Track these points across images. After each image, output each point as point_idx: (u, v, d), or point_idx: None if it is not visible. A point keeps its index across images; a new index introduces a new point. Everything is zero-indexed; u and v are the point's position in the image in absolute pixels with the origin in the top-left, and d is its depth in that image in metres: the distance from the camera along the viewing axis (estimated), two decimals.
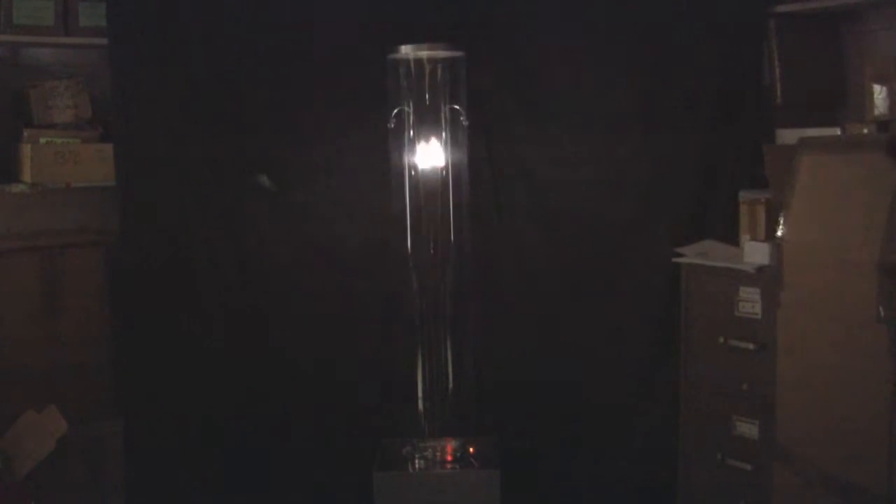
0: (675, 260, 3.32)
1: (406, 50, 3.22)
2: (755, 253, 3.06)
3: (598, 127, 3.51)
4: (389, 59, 3.25)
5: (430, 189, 3.31)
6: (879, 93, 2.99)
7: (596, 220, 3.55)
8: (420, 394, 3.36)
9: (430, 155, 3.30)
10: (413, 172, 3.30)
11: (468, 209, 3.37)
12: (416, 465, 3.25)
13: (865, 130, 3.00)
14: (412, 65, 3.24)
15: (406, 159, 3.29)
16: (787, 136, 3.29)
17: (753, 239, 3.13)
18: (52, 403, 3.27)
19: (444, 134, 3.29)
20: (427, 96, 3.25)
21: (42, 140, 3.43)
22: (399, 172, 3.31)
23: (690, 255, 3.30)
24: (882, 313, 2.25)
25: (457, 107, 3.28)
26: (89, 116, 3.52)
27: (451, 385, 3.37)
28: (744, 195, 3.26)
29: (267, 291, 3.54)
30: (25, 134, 3.44)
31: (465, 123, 3.31)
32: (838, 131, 3.21)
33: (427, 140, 3.28)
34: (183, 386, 3.49)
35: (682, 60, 3.48)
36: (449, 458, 3.27)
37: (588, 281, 3.57)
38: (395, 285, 3.41)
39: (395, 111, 3.26)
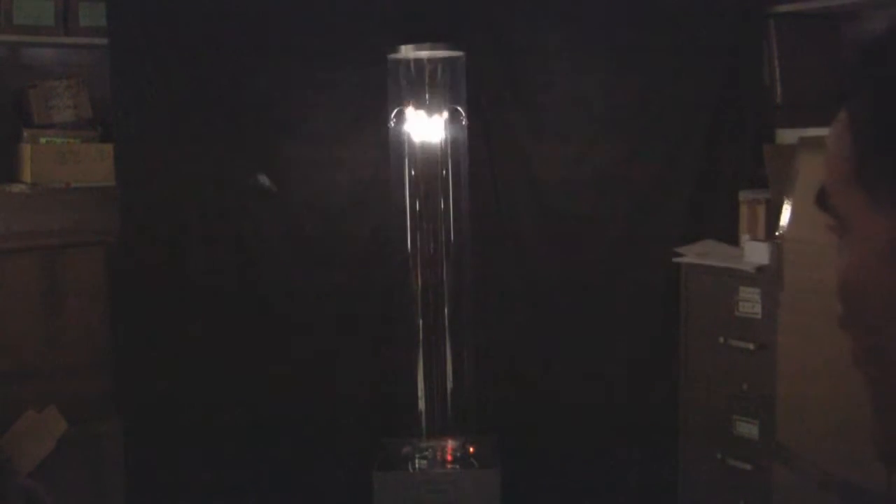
0: (675, 260, 3.32)
1: (406, 50, 3.22)
2: (755, 253, 3.05)
3: (598, 127, 3.51)
4: (389, 59, 3.25)
5: (430, 189, 3.31)
6: None
7: (596, 219, 3.55)
8: (420, 394, 3.36)
9: (430, 128, 3.26)
10: (413, 172, 3.30)
11: (468, 209, 3.37)
12: (416, 465, 3.25)
13: None
14: (412, 65, 3.24)
15: (406, 158, 3.29)
16: (787, 136, 3.29)
17: (753, 239, 3.13)
18: (52, 403, 3.27)
19: (444, 134, 3.29)
20: (427, 96, 3.25)
21: (42, 140, 3.43)
22: (399, 172, 3.31)
23: (690, 255, 3.30)
24: None
25: (457, 107, 3.28)
26: (89, 116, 3.52)
27: (451, 385, 3.37)
28: (744, 195, 3.26)
29: (267, 291, 3.54)
30: (25, 134, 3.44)
31: (465, 123, 3.31)
32: None
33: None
34: (183, 386, 3.49)
35: (682, 60, 3.48)
36: (449, 458, 3.27)
37: (588, 281, 3.57)
38: (394, 285, 3.41)
39: (395, 111, 3.26)
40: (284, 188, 3.52)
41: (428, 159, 3.30)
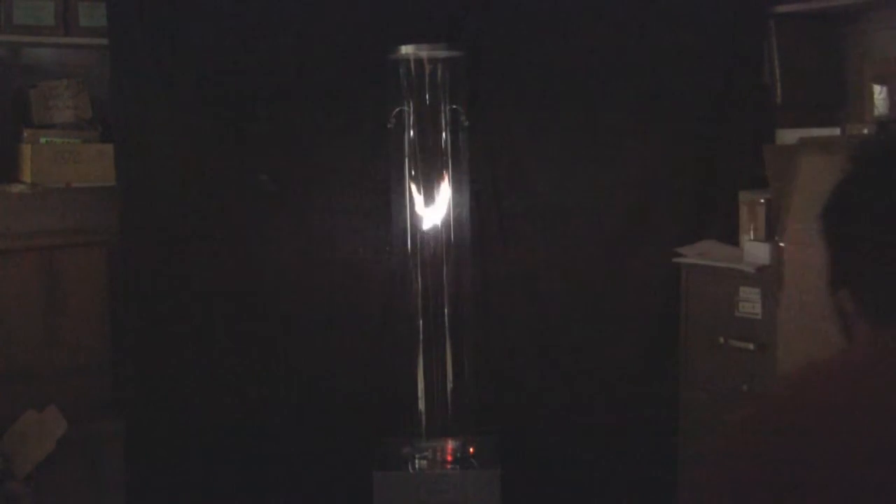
0: (675, 260, 3.32)
1: (406, 50, 3.22)
2: (755, 253, 3.05)
3: (598, 127, 3.51)
4: (389, 59, 3.25)
5: (429, 189, 3.31)
6: (879, 93, 2.99)
7: (596, 219, 3.55)
8: (420, 394, 3.36)
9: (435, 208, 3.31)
10: (413, 172, 3.30)
11: (468, 209, 3.37)
12: (416, 465, 3.24)
13: (865, 130, 3.01)
14: (412, 65, 3.24)
15: (406, 160, 3.29)
16: (787, 136, 3.29)
17: (753, 239, 3.13)
18: (52, 403, 3.27)
19: (444, 134, 3.29)
20: (427, 96, 3.25)
21: (42, 140, 3.43)
22: (399, 172, 3.31)
23: (690, 255, 3.30)
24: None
25: (457, 107, 3.28)
26: (89, 116, 3.52)
27: (451, 385, 3.36)
28: (744, 195, 3.26)
29: (266, 291, 3.53)
30: (25, 134, 3.44)
31: (465, 123, 3.30)
32: (838, 131, 3.22)
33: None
34: (183, 386, 3.49)
35: (682, 60, 3.47)
36: (449, 458, 3.26)
37: (588, 281, 3.56)
38: (394, 286, 3.41)
39: (395, 111, 3.26)
40: (284, 188, 3.52)
41: (428, 159, 3.30)
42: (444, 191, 3.30)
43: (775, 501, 0.93)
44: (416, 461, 3.26)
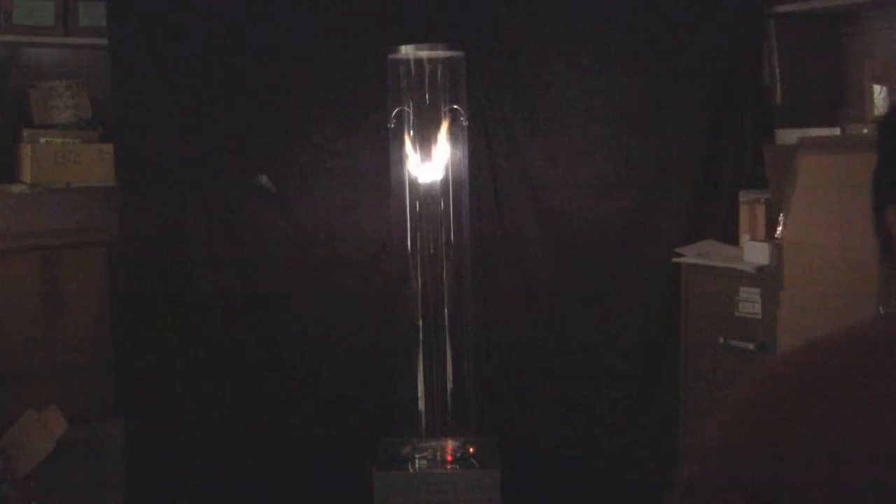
0: (675, 260, 3.32)
1: (406, 50, 3.22)
2: (755, 253, 3.05)
3: (597, 127, 3.51)
4: (389, 59, 3.25)
5: (429, 189, 3.31)
6: (879, 93, 2.99)
7: (596, 219, 3.55)
8: (420, 394, 3.36)
9: (432, 161, 3.28)
10: (413, 172, 3.30)
11: (468, 209, 3.38)
12: (416, 465, 3.24)
13: (865, 130, 3.01)
14: (412, 65, 3.24)
15: (406, 160, 3.29)
16: (787, 136, 3.29)
17: (753, 239, 3.13)
18: (52, 403, 3.27)
19: (444, 134, 3.29)
20: (427, 96, 3.25)
21: (42, 140, 3.43)
22: (399, 173, 3.31)
23: (690, 255, 3.30)
24: (881, 312, 2.25)
25: (457, 107, 3.28)
26: (89, 116, 3.52)
27: (450, 385, 3.36)
28: (744, 195, 3.26)
29: (267, 291, 3.53)
30: (25, 134, 3.44)
31: (465, 123, 3.31)
32: (838, 131, 3.22)
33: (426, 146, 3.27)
34: (183, 386, 3.49)
35: (682, 60, 3.48)
36: (449, 458, 3.26)
37: (588, 281, 3.56)
38: (394, 285, 3.41)
39: (395, 111, 3.26)
40: (284, 188, 3.52)
41: (428, 160, 3.30)
42: (444, 191, 3.30)
43: (775, 501, 0.93)
44: (416, 461, 3.26)
